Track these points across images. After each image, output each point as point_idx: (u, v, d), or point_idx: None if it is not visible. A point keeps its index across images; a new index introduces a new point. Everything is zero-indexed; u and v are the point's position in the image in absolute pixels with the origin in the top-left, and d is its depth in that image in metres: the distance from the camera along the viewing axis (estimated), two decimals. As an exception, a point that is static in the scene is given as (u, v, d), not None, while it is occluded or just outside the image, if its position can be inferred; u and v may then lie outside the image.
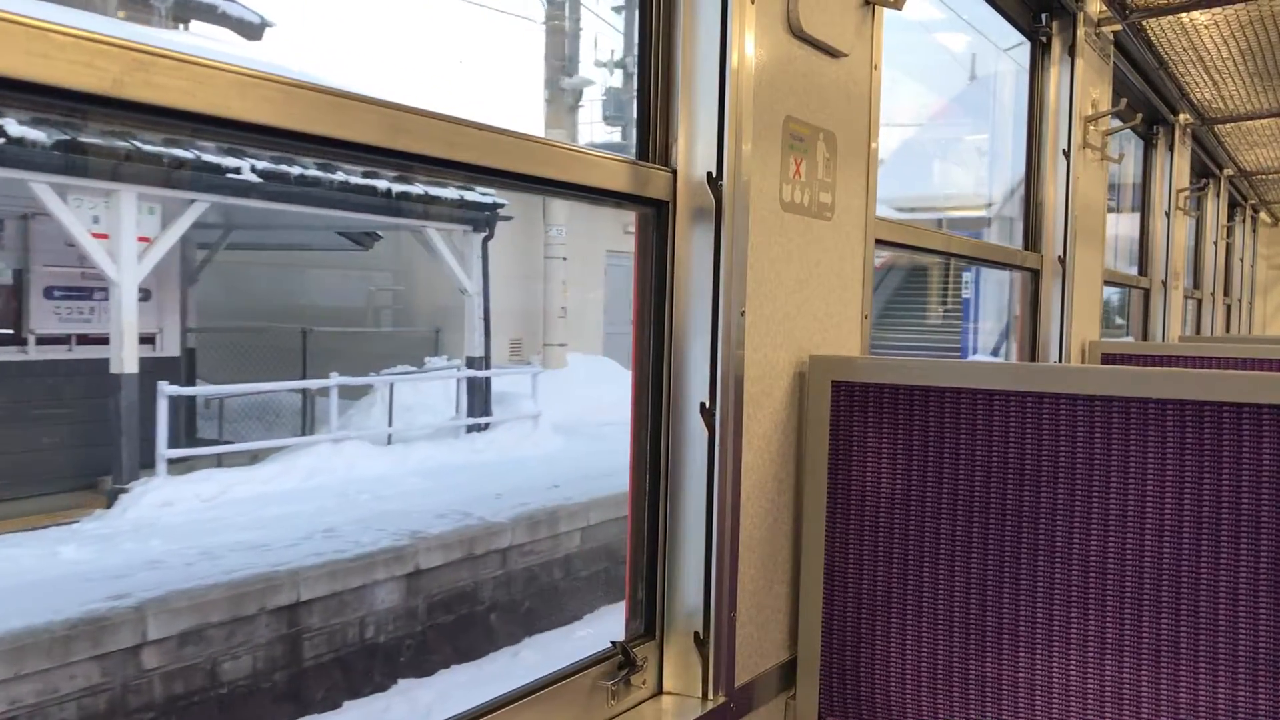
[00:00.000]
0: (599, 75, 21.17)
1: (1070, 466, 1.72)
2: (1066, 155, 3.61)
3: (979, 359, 16.73)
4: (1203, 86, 4.94)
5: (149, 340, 10.95)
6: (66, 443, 9.93)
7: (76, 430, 9.96)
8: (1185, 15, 3.78)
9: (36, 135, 8.17)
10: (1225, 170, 7.52)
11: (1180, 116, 5.56)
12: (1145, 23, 3.91)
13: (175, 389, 10.11)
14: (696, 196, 1.72)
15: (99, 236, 9.33)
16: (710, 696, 1.76)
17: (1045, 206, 3.66)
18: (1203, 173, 7.17)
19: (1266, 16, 3.75)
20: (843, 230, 2.07)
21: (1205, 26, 3.93)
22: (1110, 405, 1.69)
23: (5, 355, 9.96)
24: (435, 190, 12.21)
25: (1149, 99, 5.03)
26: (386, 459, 11.29)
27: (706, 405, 1.73)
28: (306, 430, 12.04)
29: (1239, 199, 9.07)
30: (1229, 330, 9.70)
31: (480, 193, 12.88)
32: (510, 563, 8.95)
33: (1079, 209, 3.67)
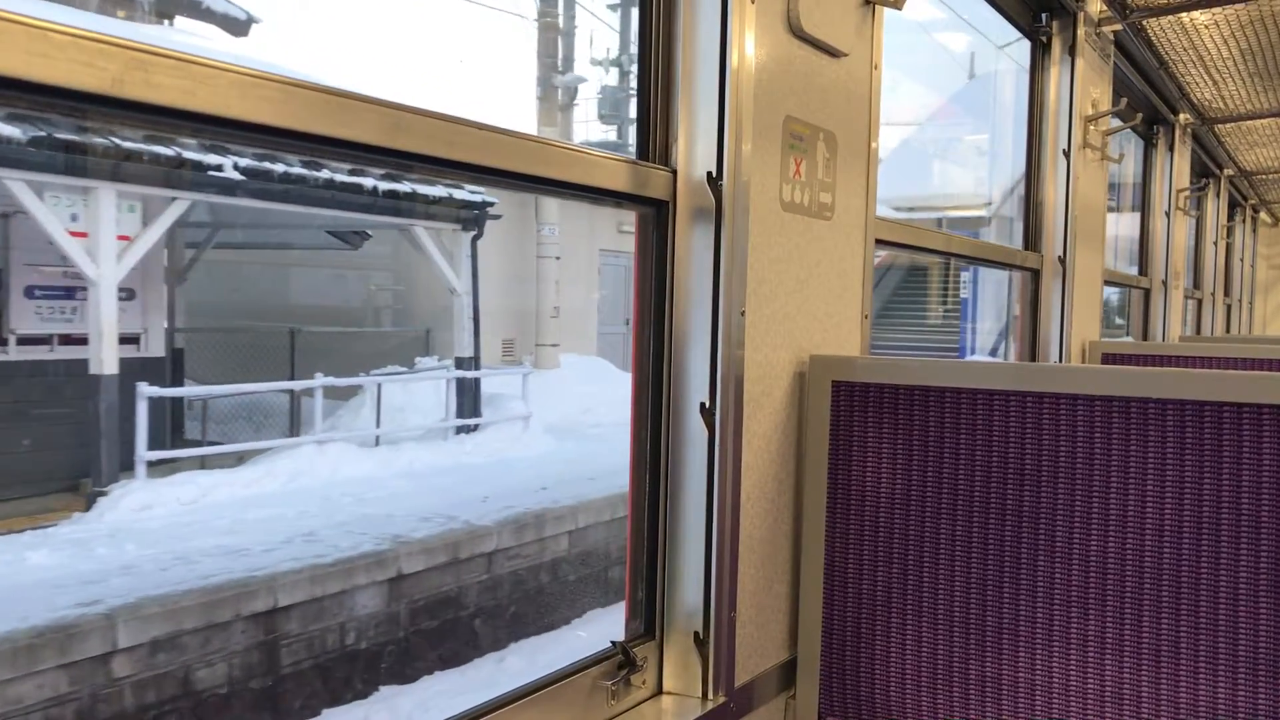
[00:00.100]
0: (595, 73, 21.16)
1: (1070, 466, 1.72)
2: (1066, 155, 3.61)
3: (977, 359, 16.74)
4: (1203, 86, 4.94)
5: (133, 340, 10.85)
6: (48, 444, 9.80)
7: (58, 432, 9.82)
8: (1185, 15, 3.78)
9: (11, 131, 8.03)
10: (1225, 170, 7.52)
11: (1180, 116, 5.56)
12: (1145, 22, 3.91)
13: (155, 390, 9.98)
14: (696, 196, 1.72)
15: (77, 235, 9.19)
16: (710, 696, 1.76)
17: (1045, 206, 3.66)
18: (1203, 173, 7.17)
19: (1266, 16, 3.75)
20: (843, 230, 2.07)
21: (1205, 26, 3.93)
22: (1110, 405, 1.69)
23: (-14, 355, 9.83)
24: (423, 188, 12.03)
25: (1149, 99, 5.03)
26: (372, 461, 11.18)
27: (706, 405, 1.73)
28: (294, 432, 11.88)
29: (1239, 199, 9.07)
30: (1229, 330, 9.70)
31: (470, 191, 12.73)
32: (496, 567, 8.82)
33: (1079, 209, 3.67)
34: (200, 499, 9.19)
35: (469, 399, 13.13)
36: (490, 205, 13.13)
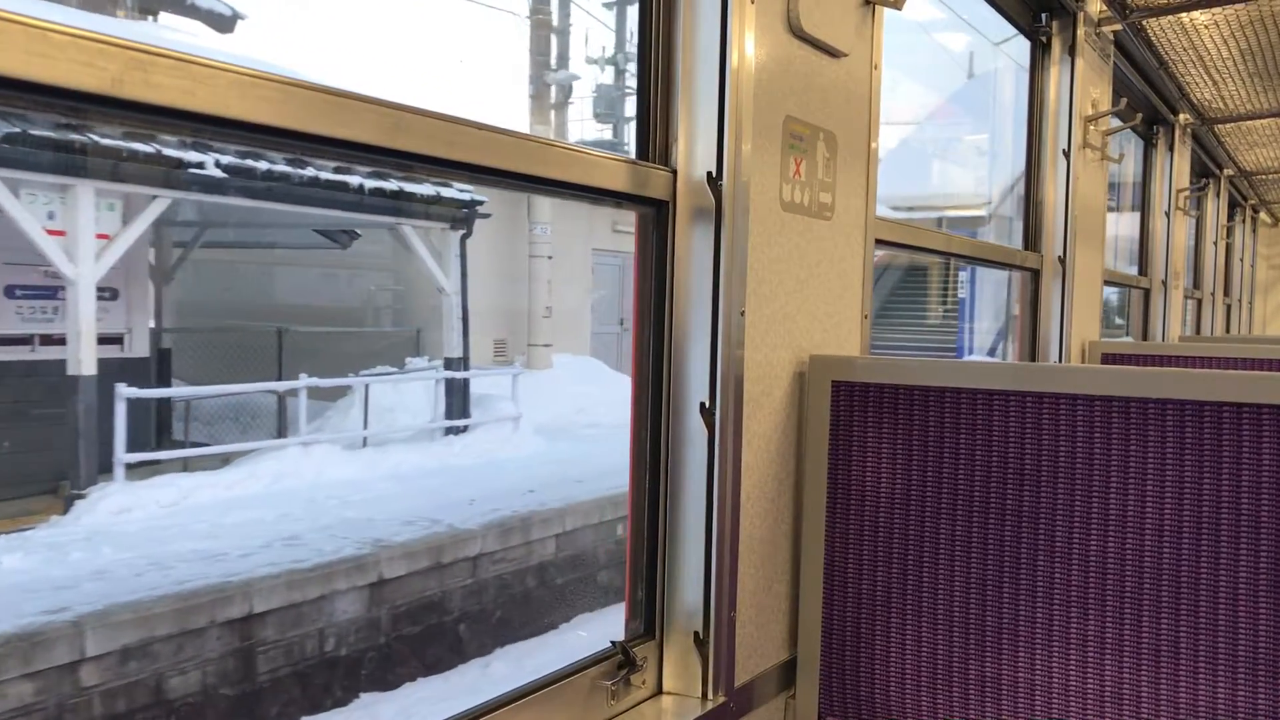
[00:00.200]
0: (590, 72, 21.11)
1: (1070, 466, 1.72)
2: (1066, 155, 3.61)
3: (977, 359, 16.73)
4: (1203, 86, 4.94)
5: (116, 341, 10.69)
6: (29, 446, 9.55)
7: (40, 433, 9.59)
8: (1185, 15, 3.78)
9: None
10: (1225, 170, 7.52)
11: (1180, 116, 5.56)
12: (1145, 23, 3.91)
13: (134, 391, 9.74)
14: (696, 196, 1.72)
15: (55, 233, 8.99)
16: (710, 696, 1.76)
17: (1045, 206, 3.66)
18: (1203, 173, 7.17)
19: (1266, 16, 3.75)
20: (843, 230, 2.07)
21: (1205, 26, 3.93)
22: (1110, 405, 1.69)
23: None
24: (411, 186, 11.82)
25: (1149, 99, 5.03)
26: (358, 463, 10.99)
27: (706, 405, 1.73)
28: (281, 433, 11.66)
29: (1239, 199, 9.07)
30: (1229, 330, 9.70)
31: (458, 189, 12.55)
32: (481, 571, 8.68)
33: (1079, 209, 3.67)
34: (180, 502, 9.03)
35: (457, 400, 12.97)
36: (480, 204, 12.94)
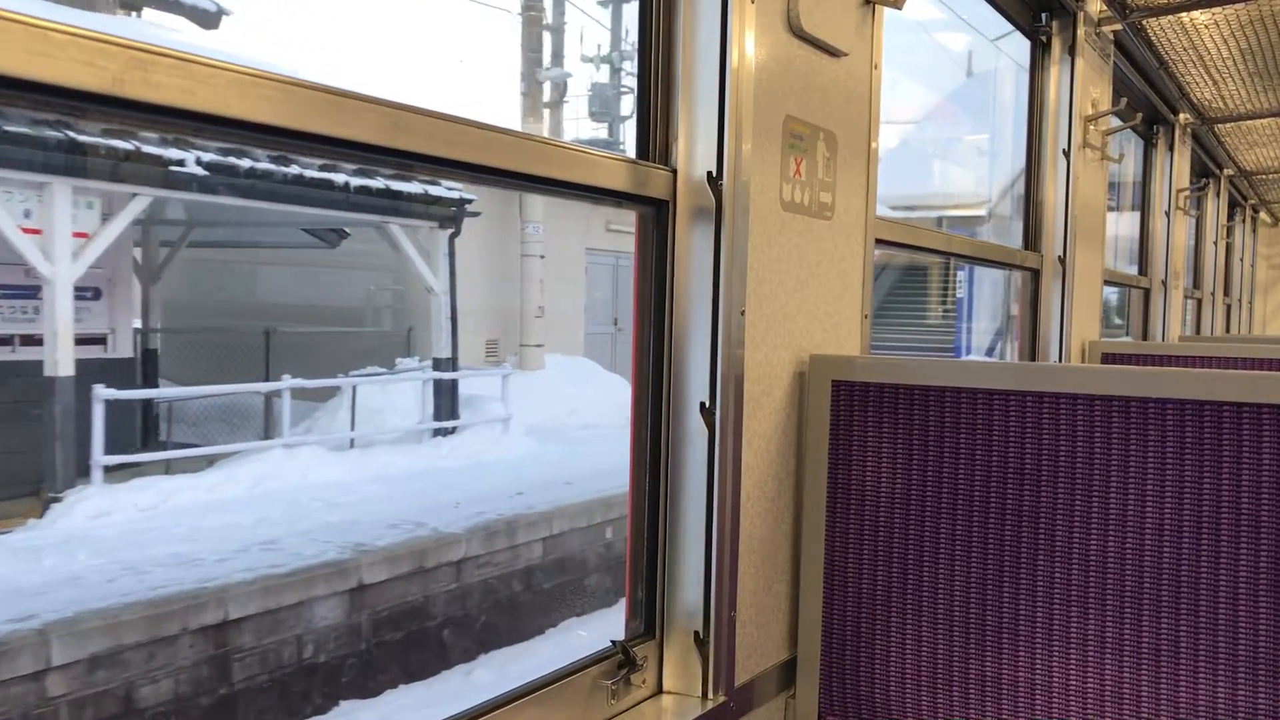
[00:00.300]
0: (586, 70, 21.01)
1: (1070, 466, 1.72)
2: (1066, 155, 3.61)
3: (976, 359, 16.73)
4: (1203, 86, 4.94)
5: (99, 341, 10.59)
6: (9, 448, 9.38)
7: (21, 435, 9.38)
8: (1185, 15, 3.78)
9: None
10: (1225, 170, 7.52)
11: (1180, 116, 5.56)
12: (1145, 22, 3.91)
13: (112, 393, 9.53)
14: (696, 196, 1.72)
15: (30, 232, 8.80)
16: (710, 696, 1.76)
17: (1045, 206, 3.66)
18: (1203, 172, 7.17)
19: (1266, 16, 3.75)
20: (843, 230, 2.07)
21: (1205, 26, 3.93)
22: (1110, 405, 1.69)
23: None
24: (398, 184, 11.60)
25: (1149, 99, 5.03)
26: (344, 465, 10.82)
27: (706, 405, 1.73)
28: (268, 434, 11.43)
29: (1239, 199, 9.07)
30: (1229, 330, 9.70)
31: (446, 187, 12.38)
32: (465, 576, 8.53)
33: (1079, 209, 3.67)
34: (160, 505, 8.87)
35: (446, 401, 12.82)
36: (468, 202, 12.74)
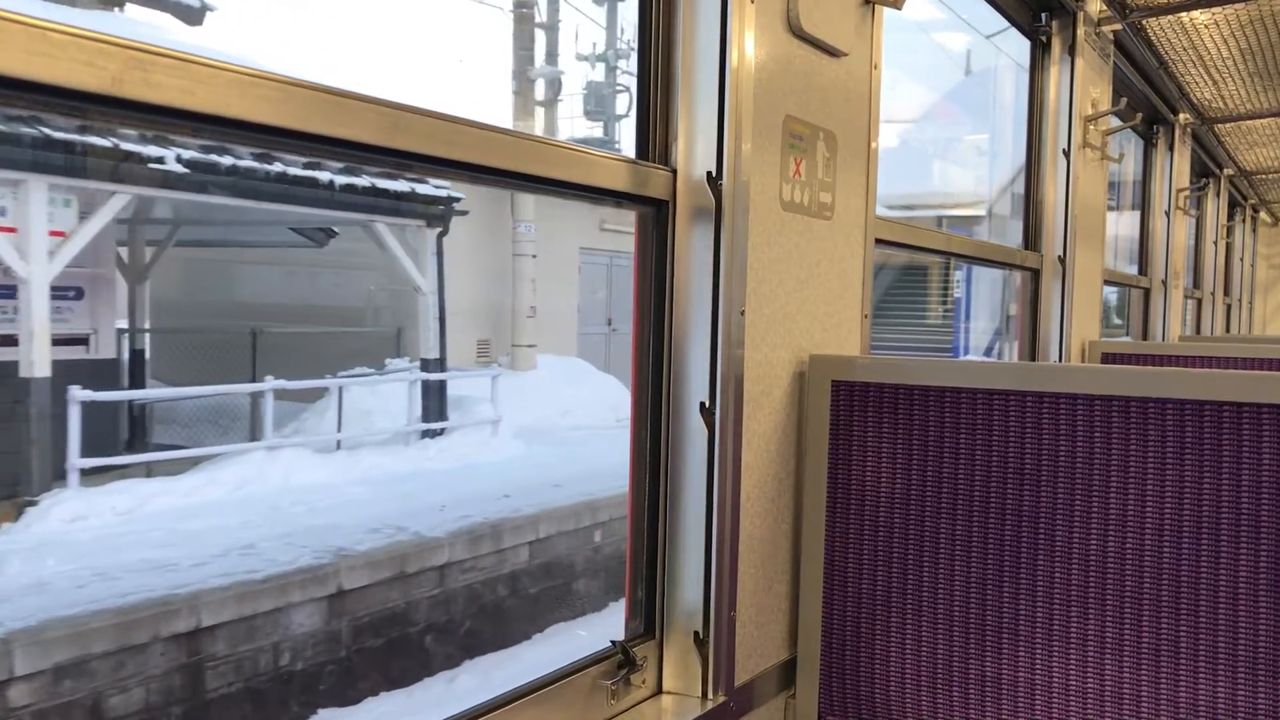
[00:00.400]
0: (581, 68, 20.89)
1: (1070, 466, 1.72)
2: (1066, 155, 3.61)
3: (976, 359, 16.72)
4: (1203, 86, 4.94)
5: (81, 342, 10.48)
6: None
7: (3, 438, 9.13)
8: (1185, 15, 3.78)
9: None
10: (1225, 170, 7.52)
11: (1180, 116, 5.56)
12: (1145, 22, 3.91)
13: (88, 394, 9.32)
14: (696, 196, 1.72)
15: (5, 230, 8.65)
16: (710, 696, 1.76)
17: (1045, 206, 3.66)
18: (1203, 172, 7.17)
19: (1266, 16, 3.75)
20: (843, 230, 2.07)
21: (1205, 26, 3.93)
22: (1110, 405, 1.69)
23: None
24: (384, 183, 11.45)
25: (1149, 98, 5.03)
26: (328, 467, 10.63)
27: (706, 405, 1.73)
28: (254, 436, 11.21)
29: (1239, 199, 9.07)
30: (1229, 330, 9.70)
31: (434, 186, 12.22)
32: (448, 581, 8.36)
33: (1079, 209, 3.67)
34: (137, 509, 8.68)
35: (434, 402, 12.65)
36: (456, 201, 12.57)
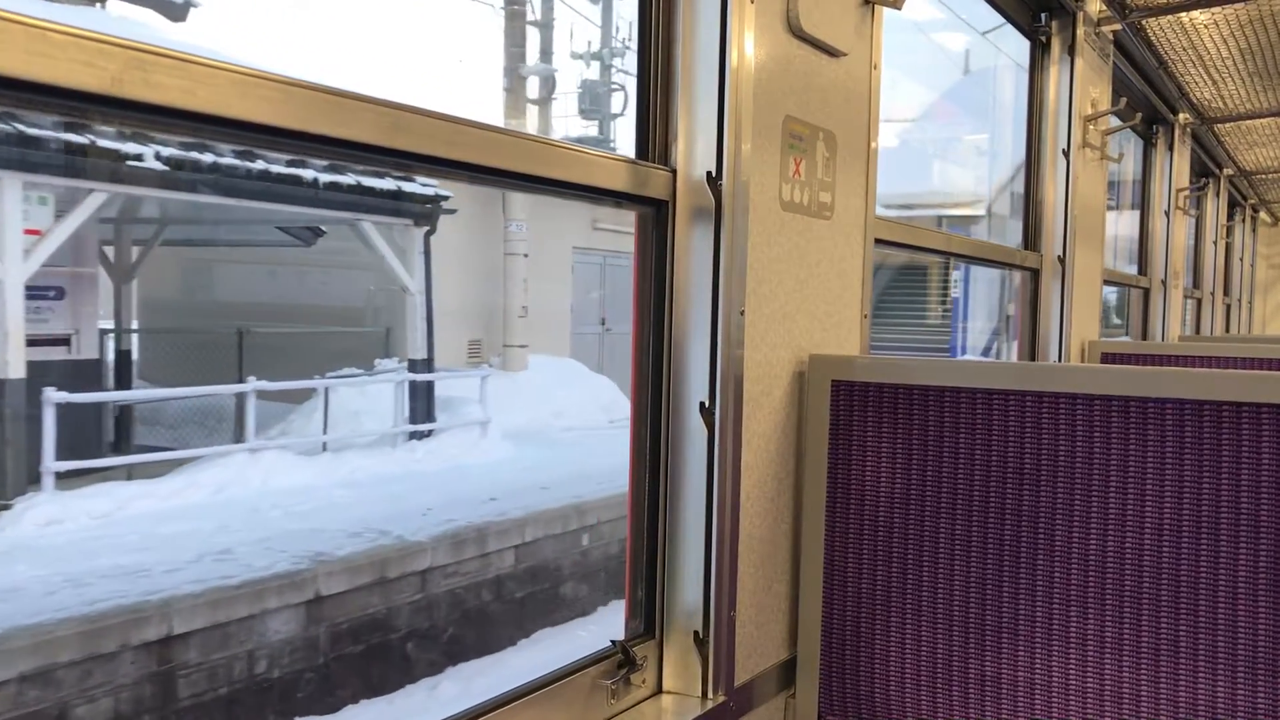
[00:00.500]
0: (576, 67, 20.73)
1: (1070, 465, 1.72)
2: (1066, 155, 3.61)
3: (976, 359, 16.71)
4: (1202, 86, 4.94)
5: (62, 342, 10.39)
6: None
7: None
8: (1185, 15, 3.78)
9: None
10: (1225, 170, 7.52)
11: (1180, 116, 5.56)
12: (1145, 22, 3.91)
13: (63, 396, 9.17)
14: (696, 196, 1.72)
15: None
16: (710, 695, 1.76)
17: (1045, 206, 3.66)
18: (1202, 172, 7.17)
19: (1266, 16, 3.76)
20: (842, 230, 2.07)
21: (1205, 26, 3.93)
22: (1110, 404, 1.69)
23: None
24: (370, 181, 11.23)
25: (1149, 98, 5.03)
26: (311, 470, 10.46)
27: (706, 404, 1.73)
28: (238, 438, 11.05)
29: (1239, 198, 9.07)
30: (1229, 330, 9.70)
31: (421, 184, 12.06)
32: (431, 586, 8.24)
33: (1078, 208, 3.67)
34: (114, 512, 8.55)
35: (422, 403, 12.47)
36: (444, 199, 12.38)
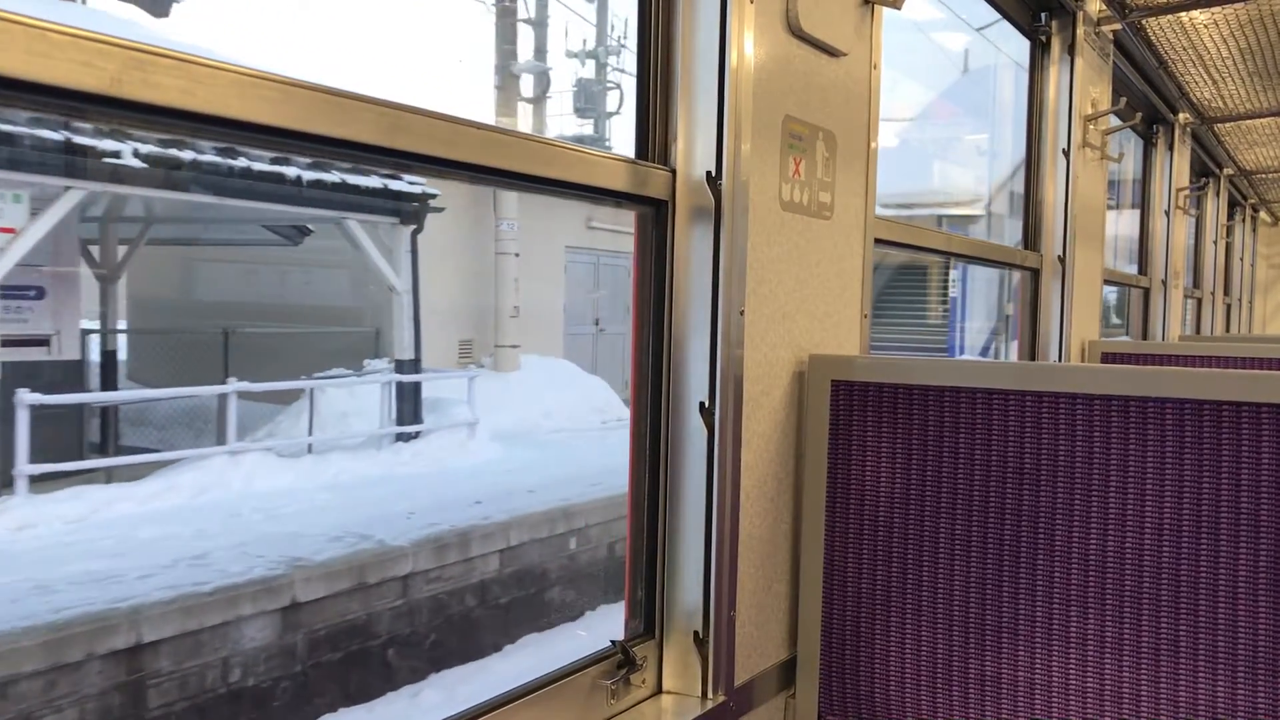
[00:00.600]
0: (571, 65, 20.64)
1: (1070, 465, 1.72)
2: (1066, 154, 3.61)
3: (975, 358, 16.70)
4: (1202, 86, 4.94)
5: (41, 343, 10.32)
6: None
7: None
8: (1185, 14, 3.78)
9: None
10: (1225, 169, 7.52)
11: (1180, 116, 5.56)
12: (1145, 22, 3.92)
13: (37, 397, 9.05)
14: (696, 196, 1.72)
15: None
16: (710, 695, 1.76)
17: (1045, 205, 3.66)
18: (1202, 172, 7.17)
19: (1266, 16, 3.76)
20: (842, 229, 2.07)
21: (1205, 26, 3.93)
22: (1110, 404, 1.69)
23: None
24: (355, 178, 11.12)
25: (1148, 98, 5.03)
26: (294, 472, 10.29)
27: (706, 404, 1.73)
28: (224, 439, 10.92)
29: (1239, 198, 9.07)
30: (1229, 329, 9.70)
31: (408, 182, 11.94)
32: (413, 591, 8.12)
33: (1078, 208, 3.67)
34: (89, 516, 8.43)
35: (409, 404, 12.32)
36: (432, 197, 12.25)
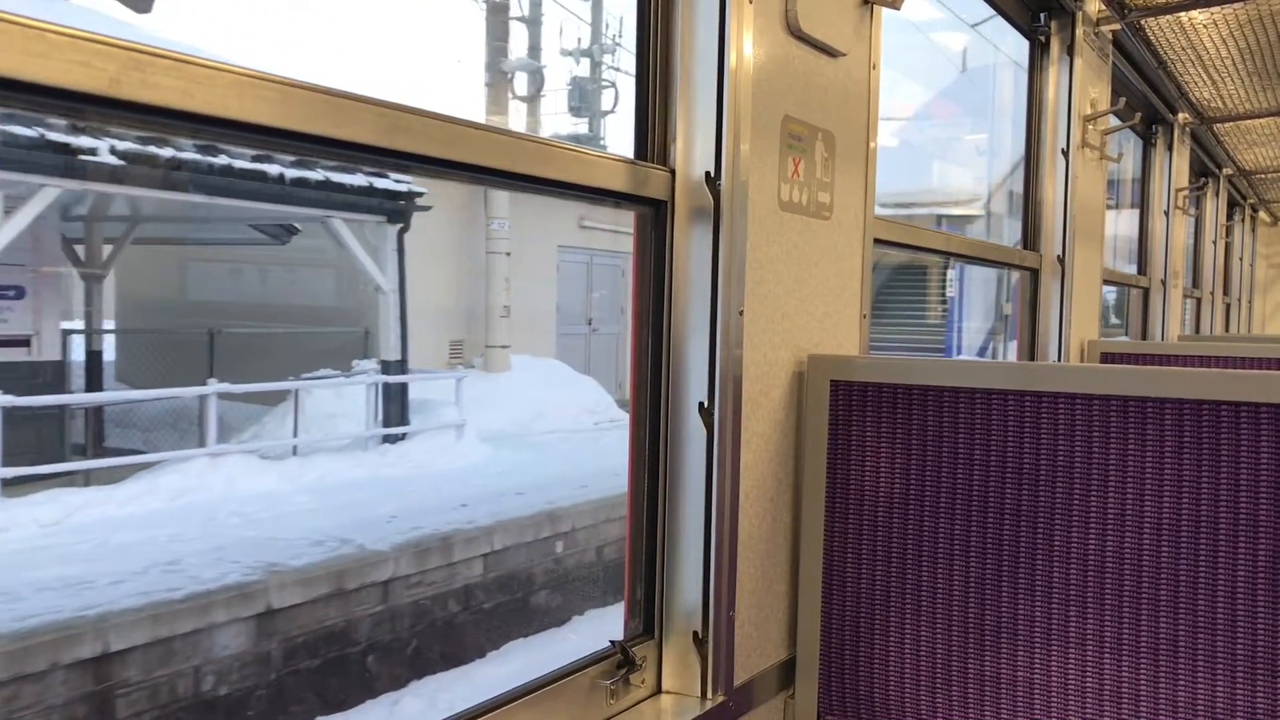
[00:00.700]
0: (565, 64, 20.59)
1: (1069, 465, 1.72)
2: (1065, 154, 3.61)
3: (975, 358, 16.70)
4: (1201, 86, 4.94)
5: (22, 343, 10.30)
6: None
7: None
8: (1184, 14, 3.78)
9: None
10: (1224, 169, 7.52)
11: (1179, 116, 5.56)
12: (1144, 22, 3.92)
13: (9, 399, 9.00)
14: (695, 196, 1.72)
15: None
16: (709, 695, 1.76)
17: (1044, 206, 3.66)
18: (1202, 172, 7.17)
19: (1265, 16, 3.76)
20: (841, 229, 2.07)
21: (1204, 26, 3.93)
22: (1109, 404, 1.69)
23: None
24: (339, 176, 11.03)
25: (1148, 98, 5.03)
26: (276, 475, 10.19)
27: (705, 405, 1.73)
28: (218, 439, 10.87)
29: (1238, 198, 9.08)
30: (1228, 329, 9.70)
31: (394, 180, 11.88)
32: (394, 597, 8.01)
33: (1078, 208, 3.67)
34: (63, 520, 8.33)
35: (396, 405, 12.26)
36: (418, 195, 12.18)
